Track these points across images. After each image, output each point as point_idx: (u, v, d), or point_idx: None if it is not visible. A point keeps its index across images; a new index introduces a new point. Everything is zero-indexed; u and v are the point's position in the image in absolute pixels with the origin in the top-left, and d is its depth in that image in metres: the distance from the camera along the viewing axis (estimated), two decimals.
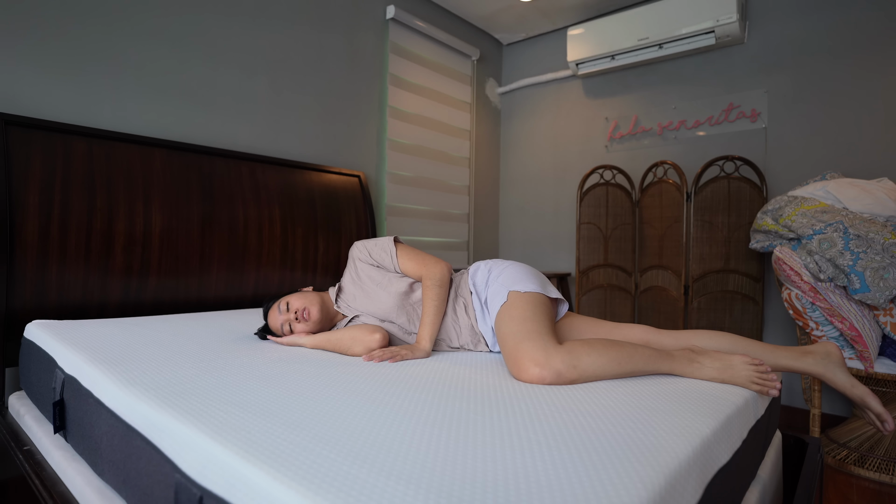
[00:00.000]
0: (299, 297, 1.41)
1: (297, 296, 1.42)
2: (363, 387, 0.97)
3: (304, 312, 1.37)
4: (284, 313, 1.38)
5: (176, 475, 0.72)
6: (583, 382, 1.04)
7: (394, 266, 1.43)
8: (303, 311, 1.37)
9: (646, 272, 2.85)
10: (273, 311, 1.41)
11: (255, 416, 0.78)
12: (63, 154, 1.65)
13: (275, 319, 1.39)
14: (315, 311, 1.38)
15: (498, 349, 1.34)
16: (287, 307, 1.38)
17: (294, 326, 1.37)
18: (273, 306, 1.43)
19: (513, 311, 1.19)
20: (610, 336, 1.31)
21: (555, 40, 3.51)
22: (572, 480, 0.59)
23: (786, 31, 2.61)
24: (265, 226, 2.16)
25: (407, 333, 1.41)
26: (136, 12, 1.90)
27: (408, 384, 0.99)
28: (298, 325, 1.37)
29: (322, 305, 1.42)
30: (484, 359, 1.28)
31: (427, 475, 0.60)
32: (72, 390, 1.07)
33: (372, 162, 2.85)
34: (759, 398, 1.09)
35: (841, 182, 2.12)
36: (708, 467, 0.76)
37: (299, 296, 1.42)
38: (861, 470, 1.91)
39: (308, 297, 1.42)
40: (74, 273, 1.65)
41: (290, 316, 1.37)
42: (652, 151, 3.06)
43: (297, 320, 1.36)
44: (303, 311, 1.37)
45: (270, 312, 1.42)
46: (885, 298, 1.88)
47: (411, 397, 0.90)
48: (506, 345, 1.12)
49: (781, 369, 1.20)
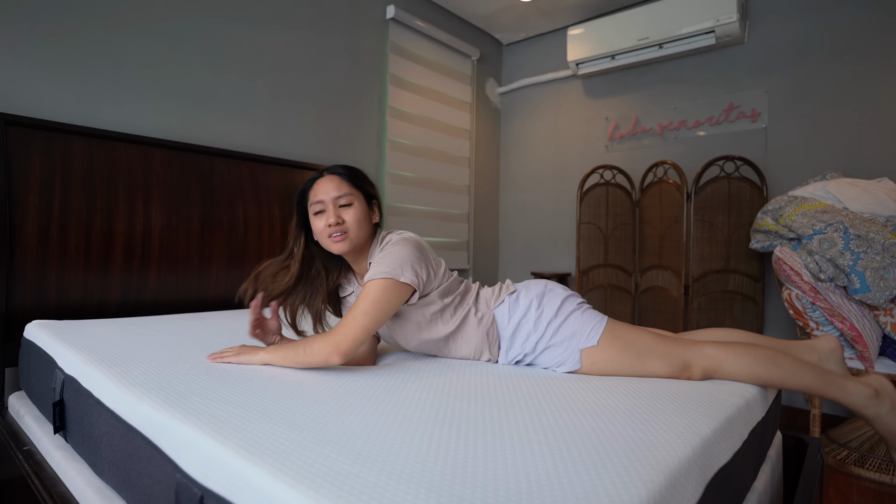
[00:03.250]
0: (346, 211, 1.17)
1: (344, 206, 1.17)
2: (363, 386, 0.97)
3: (345, 227, 1.15)
4: (329, 217, 1.15)
5: (176, 475, 0.72)
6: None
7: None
8: (343, 223, 1.15)
9: (646, 272, 2.85)
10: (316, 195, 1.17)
11: (256, 416, 0.78)
12: (63, 154, 1.65)
13: (319, 221, 1.17)
14: (357, 230, 1.16)
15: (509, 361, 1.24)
16: (334, 217, 1.14)
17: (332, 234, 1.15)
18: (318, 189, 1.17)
19: (610, 360, 1.12)
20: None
21: (555, 40, 3.51)
22: (572, 479, 0.59)
23: (786, 30, 2.61)
24: (265, 226, 2.15)
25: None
26: (136, 12, 1.90)
27: (408, 383, 0.99)
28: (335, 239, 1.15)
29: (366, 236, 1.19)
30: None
31: (428, 474, 0.60)
32: (72, 390, 1.07)
33: (372, 162, 2.85)
34: (760, 399, 1.09)
35: (841, 182, 2.12)
36: (708, 467, 0.76)
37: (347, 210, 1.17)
38: (861, 470, 1.91)
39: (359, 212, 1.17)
40: (74, 273, 1.64)
41: (333, 227, 1.14)
42: (652, 151, 3.06)
43: (335, 234, 1.15)
44: (343, 223, 1.15)
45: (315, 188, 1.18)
46: (886, 298, 1.87)
47: (412, 396, 0.90)
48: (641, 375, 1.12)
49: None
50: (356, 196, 1.18)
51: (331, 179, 1.18)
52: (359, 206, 1.17)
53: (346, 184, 1.17)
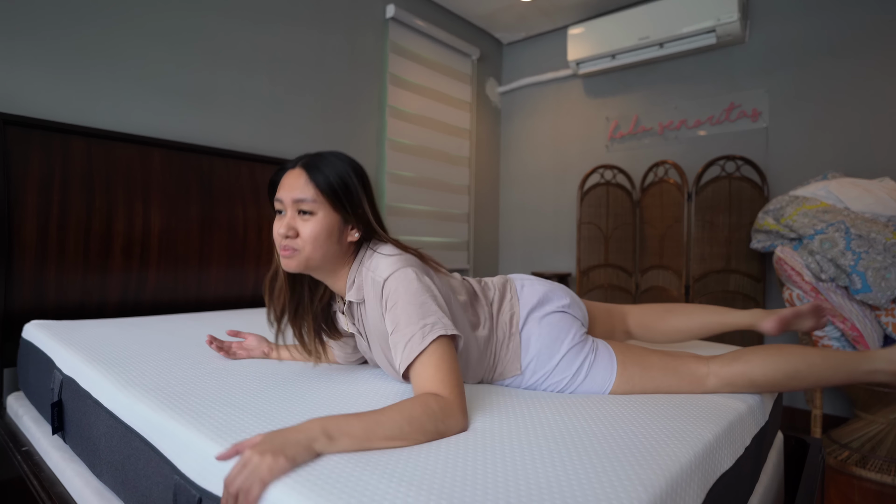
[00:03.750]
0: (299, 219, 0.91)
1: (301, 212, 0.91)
2: (364, 389, 0.96)
3: (297, 242, 0.90)
4: (282, 224, 0.91)
5: (175, 476, 0.72)
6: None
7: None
8: (295, 237, 0.90)
9: (646, 272, 2.85)
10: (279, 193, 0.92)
11: (256, 418, 0.78)
12: (62, 153, 1.65)
13: (276, 223, 0.93)
14: (312, 250, 0.90)
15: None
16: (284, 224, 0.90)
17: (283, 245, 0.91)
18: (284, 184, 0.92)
19: (640, 380, 1.01)
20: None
21: (555, 39, 3.50)
22: (573, 484, 0.59)
23: (787, 30, 2.60)
24: (265, 226, 2.15)
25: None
26: (136, 12, 1.89)
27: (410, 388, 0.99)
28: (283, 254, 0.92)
29: (331, 248, 0.92)
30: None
31: (429, 478, 0.59)
32: (70, 391, 1.07)
33: (372, 162, 2.84)
34: (763, 405, 1.07)
35: (842, 182, 2.12)
36: (710, 473, 0.76)
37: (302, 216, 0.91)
38: (863, 471, 1.90)
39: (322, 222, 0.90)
40: (73, 273, 1.64)
41: (282, 238, 0.91)
42: (652, 151, 3.06)
43: (284, 248, 0.91)
44: (295, 237, 0.90)
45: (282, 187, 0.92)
46: (887, 298, 1.87)
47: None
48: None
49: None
50: (321, 205, 0.89)
51: (297, 175, 0.90)
52: (323, 219, 0.89)
53: (311, 187, 0.88)
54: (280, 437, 0.62)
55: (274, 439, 0.62)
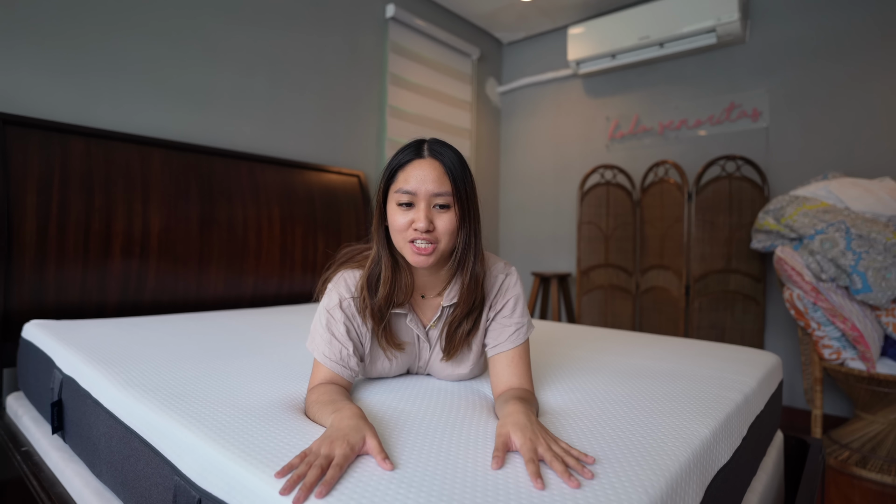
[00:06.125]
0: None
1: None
2: (364, 391, 0.96)
3: (436, 236, 0.87)
4: (420, 217, 0.86)
5: (175, 477, 0.72)
6: None
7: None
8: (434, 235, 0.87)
9: (647, 272, 2.84)
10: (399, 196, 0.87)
11: (256, 419, 0.77)
12: (61, 153, 1.65)
13: (401, 216, 0.87)
14: (446, 244, 0.89)
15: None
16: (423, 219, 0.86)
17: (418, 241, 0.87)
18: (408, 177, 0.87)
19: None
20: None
21: (555, 39, 3.50)
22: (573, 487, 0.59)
23: (787, 30, 2.60)
24: (264, 225, 2.15)
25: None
26: (136, 12, 1.89)
27: (410, 389, 0.98)
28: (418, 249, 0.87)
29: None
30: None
31: (429, 479, 0.59)
32: (70, 391, 1.06)
33: (371, 161, 2.84)
34: (759, 393, 1.10)
35: (843, 182, 2.12)
36: (709, 468, 0.76)
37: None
38: (863, 471, 1.90)
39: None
40: (73, 273, 1.64)
41: (420, 233, 0.86)
42: (653, 151, 3.05)
43: (421, 240, 0.87)
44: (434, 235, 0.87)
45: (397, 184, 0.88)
46: (888, 298, 1.87)
47: (413, 402, 0.89)
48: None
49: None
50: (454, 200, 0.87)
51: (433, 167, 0.86)
52: (455, 213, 0.88)
53: (448, 181, 0.86)
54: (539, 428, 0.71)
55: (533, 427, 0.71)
